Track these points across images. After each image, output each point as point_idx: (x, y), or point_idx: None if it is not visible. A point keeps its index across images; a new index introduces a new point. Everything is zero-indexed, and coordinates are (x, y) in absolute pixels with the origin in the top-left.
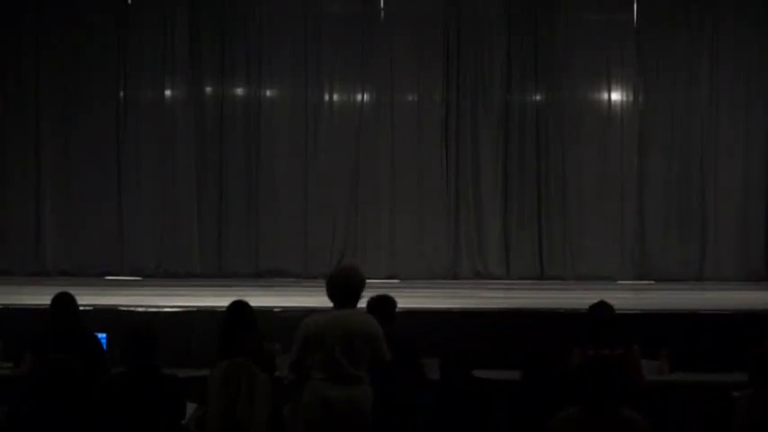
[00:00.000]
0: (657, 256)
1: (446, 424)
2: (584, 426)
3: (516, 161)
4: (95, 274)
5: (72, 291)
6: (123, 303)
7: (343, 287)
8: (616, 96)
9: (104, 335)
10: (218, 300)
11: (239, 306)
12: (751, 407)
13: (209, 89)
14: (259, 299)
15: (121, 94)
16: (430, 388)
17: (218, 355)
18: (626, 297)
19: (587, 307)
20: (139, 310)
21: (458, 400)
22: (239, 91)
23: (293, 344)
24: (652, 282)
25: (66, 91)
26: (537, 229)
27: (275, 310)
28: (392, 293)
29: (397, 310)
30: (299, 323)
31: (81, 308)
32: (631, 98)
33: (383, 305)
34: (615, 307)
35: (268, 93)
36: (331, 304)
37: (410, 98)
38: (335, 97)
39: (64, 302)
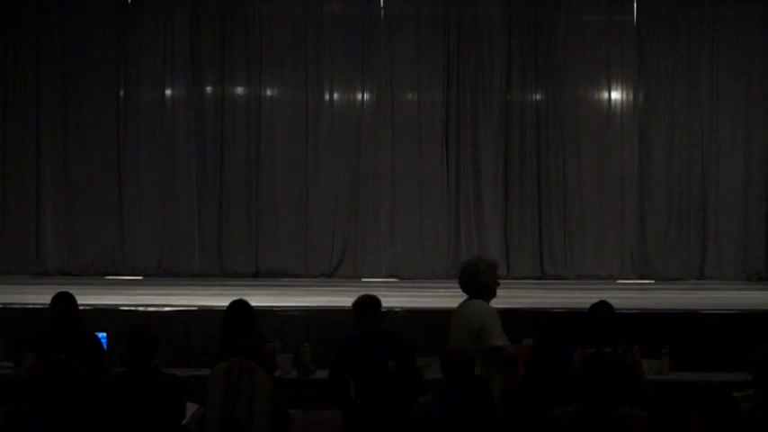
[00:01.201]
0: (658, 256)
1: (447, 423)
2: (583, 423)
3: (516, 161)
4: (95, 274)
5: (72, 291)
6: (123, 303)
7: (459, 279)
8: (616, 96)
9: (104, 335)
10: (219, 299)
11: (239, 305)
12: (754, 407)
13: (209, 89)
14: (259, 298)
15: (121, 93)
16: (430, 387)
17: (219, 354)
18: (626, 297)
19: (587, 307)
20: (139, 309)
21: (459, 400)
22: (239, 91)
23: None
24: (652, 282)
25: (66, 91)
26: (537, 229)
27: (275, 309)
28: (392, 292)
29: (383, 309)
30: (298, 322)
31: (81, 308)
32: (631, 98)
33: (367, 306)
34: (615, 307)
35: (268, 92)
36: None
37: (410, 98)
38: (336, 97)
39: (64, 302)
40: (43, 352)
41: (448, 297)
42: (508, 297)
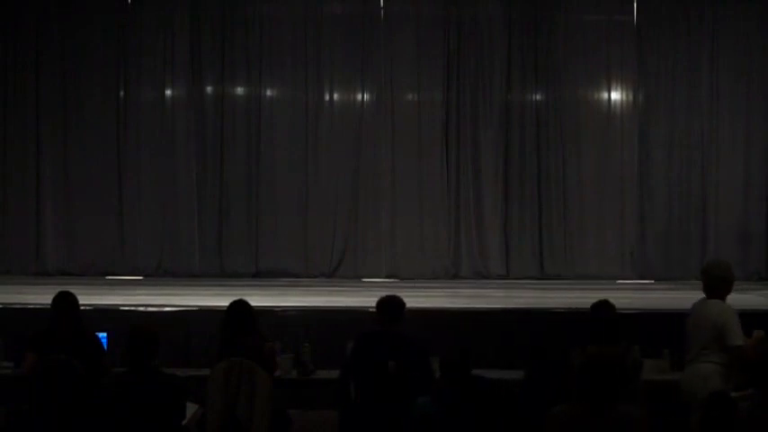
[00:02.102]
0: (658, 255)
1: (446, 423)
2: (582, 421)
3: (516, 161)
4: (96, 274)
5: (72, 290)
6: (123, 303)
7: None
8: (616, 96)
9: (104, 335)
10: (219, 299)
11: (239, 305)
12: (752, 407)
13: (209, 89)
14: (259, 298)
15: (122, 93)
16: (431, 387)
17: (219, 354)
18: (626, 297)
19: (587, 306)
20: (140, 309)
21: (458, 400)
22: (239, 91)
23: None
24: (652, 282)
25: (66, 91)
26: (537, 229)
27: (275, 309)
28: (392, 293)
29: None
30: (298, 322)
31: (81, 308)
32: (631, 98)
33: (387, 306)
34: (616, 306)
35: (268, 92)
36: None
37: (410, 98)
38: (336, 97)
39: (65, 302)
40: (43, 352)
41: (448, 297)
42: (508, 297)
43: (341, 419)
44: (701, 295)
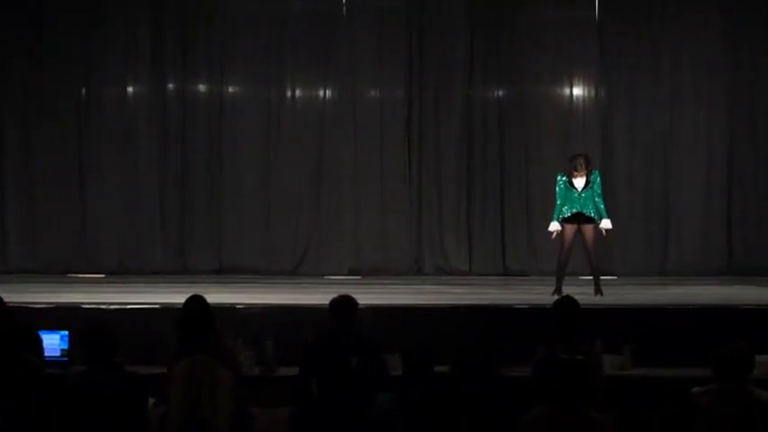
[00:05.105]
0: (621, 251)
1: (408, 421)
2: (553, 425)
3: (479, 157)
4: (58, 272)
5: (35, 288)
6: (86, 301)
7: None
8: (578, 93)
9: (66, 333)
10: (181, 296)
11: (197, 301)
12: (714, 402)
13: (171, 86)
14: (221, 295)
15: (83, 91)
16: (392, 385)
17: (178, 351)
18: (588, 293)
19: (550, 303)
20: (102, 307)
21: (419, 397)
22: (202, 88)
23: None
24: (614, 277)
25: (27, 88)
26: (500, 225)
27: (237, 306)
28: (355, 289)
29: (359, 308)
30: (261, 319)
31: (43, 306)
32: (594, 95)
33: (341, 307)
34: (579, 303)
35: (231, 90)
36: None
37: (372, 95)
38: (298, 94)
39: None
40: None
41: (410, 294)
42: (471, 293)
43: (295, 415)
44: (663, 291)
